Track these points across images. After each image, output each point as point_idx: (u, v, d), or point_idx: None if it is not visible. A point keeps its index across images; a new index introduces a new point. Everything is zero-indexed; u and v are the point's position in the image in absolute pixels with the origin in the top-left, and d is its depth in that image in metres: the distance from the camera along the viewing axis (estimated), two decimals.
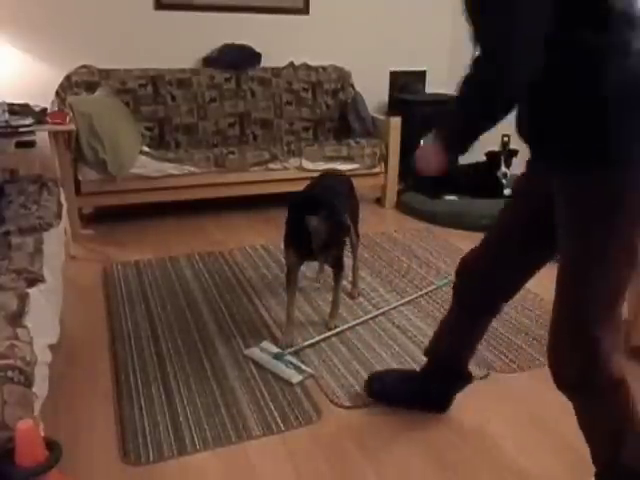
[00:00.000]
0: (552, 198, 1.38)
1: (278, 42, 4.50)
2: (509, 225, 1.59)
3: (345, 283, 2.84)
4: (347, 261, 2.86)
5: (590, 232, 1.30)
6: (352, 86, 4.63)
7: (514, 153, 4.13)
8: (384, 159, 4.17)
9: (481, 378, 2.14)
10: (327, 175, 2.85)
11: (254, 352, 2.26)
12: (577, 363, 1.35)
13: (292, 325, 2.42)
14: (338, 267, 2.51)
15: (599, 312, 1.32)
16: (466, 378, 1.95)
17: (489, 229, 1.67)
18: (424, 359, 2.10)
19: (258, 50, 4.37)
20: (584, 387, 1.38)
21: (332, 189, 2.56)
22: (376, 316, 2.60)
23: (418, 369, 2.15)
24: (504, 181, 4.08)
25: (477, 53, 1.28)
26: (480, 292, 1.70)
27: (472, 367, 2.17)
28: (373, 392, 2.01)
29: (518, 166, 4.18)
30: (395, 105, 4.86)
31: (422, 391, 1.94)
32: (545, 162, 1.42)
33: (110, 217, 3.82)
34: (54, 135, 3.29)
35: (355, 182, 2.88)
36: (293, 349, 2.30)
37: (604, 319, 1.32)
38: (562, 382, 1.40)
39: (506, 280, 1.65)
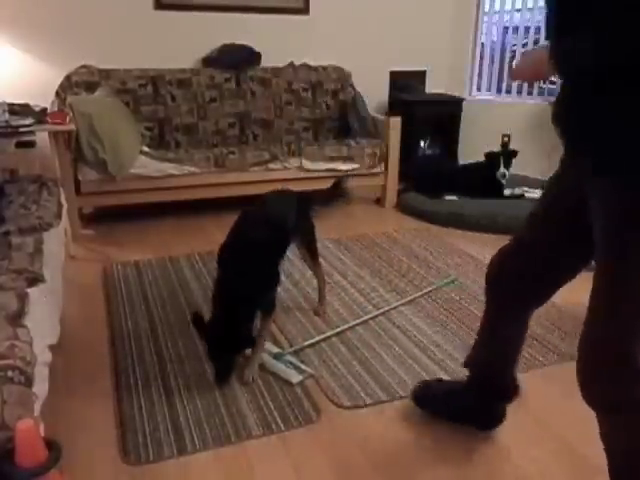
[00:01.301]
0: (586, 199, 1.26)
1: (278, 42, 4.50)
2: (542, 225, 1.48)
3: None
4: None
5: (626, 241, 1.17)
6: (352, 86, 4.63)
7: (514, 154, 4.12)
8: (384, 159, 4.17)
9: None
10: (268, 200, 2.61)
11: None
12: (605, 380, 1.26)
13: None
14: (268, 307, 2.24)
15: (633, 326, 1.21)
16: (505, 393, 1.79)
17: (520, 229, 1.55)
18: (424, 359, 2.11)
19: (258, 50, 4.37)
20: (613, 405, 1.28)
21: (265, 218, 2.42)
22: (376, 316, 2.60)
23: (418, 368, 2.15)
24: (503, 181, 4.08)
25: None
26: (512, 296, 1.61)
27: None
28: (417, 399, 1.94)
29: (517, 167, 4.19)
30: (395, 105, 4.86)
31: (464, 405, 1.85)
32: (580, 160, 1.28)
33: (110, 217, 3.83)
34: (54, 135, 3.29)
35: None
36: (293, 349, 2.30)
37: (636, 334, 1.22)
38: (591, 399, 1.30)
39: (539, 283, 1.55)
